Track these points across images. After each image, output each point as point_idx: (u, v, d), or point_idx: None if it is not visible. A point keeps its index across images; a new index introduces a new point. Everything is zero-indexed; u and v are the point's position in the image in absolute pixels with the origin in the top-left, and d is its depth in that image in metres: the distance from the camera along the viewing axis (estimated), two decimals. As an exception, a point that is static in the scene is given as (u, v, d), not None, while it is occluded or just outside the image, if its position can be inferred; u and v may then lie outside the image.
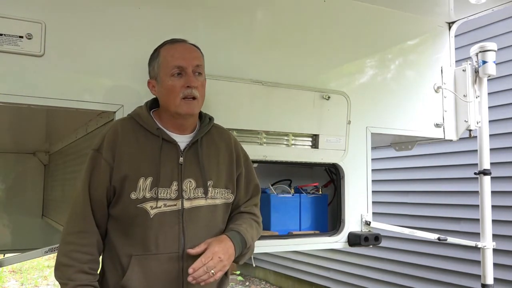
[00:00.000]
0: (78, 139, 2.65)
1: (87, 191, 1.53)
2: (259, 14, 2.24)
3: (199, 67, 1.63)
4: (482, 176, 2.69)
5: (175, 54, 1.62)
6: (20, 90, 1.69)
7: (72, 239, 1.51)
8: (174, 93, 1.58)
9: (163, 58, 1.63)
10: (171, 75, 1.60)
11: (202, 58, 1.69)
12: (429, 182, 4.95)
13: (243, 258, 1.66)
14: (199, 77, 1.63)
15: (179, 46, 1.65)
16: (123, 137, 1.57)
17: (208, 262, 1.47)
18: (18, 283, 7.46)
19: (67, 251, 1.49)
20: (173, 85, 1.59)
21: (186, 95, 1.58)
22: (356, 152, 2.40)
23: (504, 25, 4.40)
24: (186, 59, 1.61)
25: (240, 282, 7.41)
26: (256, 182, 1.78)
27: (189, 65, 1.60)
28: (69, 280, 1.46)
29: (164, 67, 1.62)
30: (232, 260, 1.57)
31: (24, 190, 4.07)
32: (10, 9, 1.69)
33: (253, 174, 1.79)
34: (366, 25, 2.50)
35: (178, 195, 1.55)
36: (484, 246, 2.65)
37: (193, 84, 1.58)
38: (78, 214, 1.53)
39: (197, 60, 1.64)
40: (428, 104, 2.66)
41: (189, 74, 1.59)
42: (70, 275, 1.46)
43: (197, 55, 1.66)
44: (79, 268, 1.47)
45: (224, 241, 1.56)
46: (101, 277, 1.59)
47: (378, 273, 5.44)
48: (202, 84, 1.64)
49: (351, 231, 2.37)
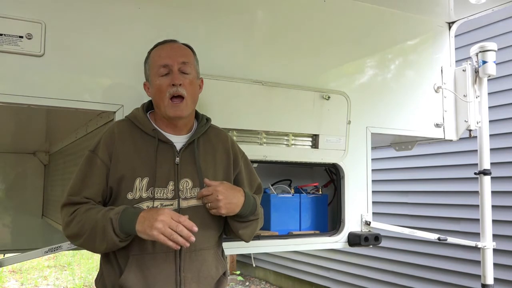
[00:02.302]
0: (78, 139, 2.65)
1: (79, 188, 1.53)
2: (259, 14, 2.24)
3: (186, 65, 1.62)
4: (482, 176, 2.69)
5: (161, 53, 1.63)
6: (20, 90, 1.69)
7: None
8: (162, 92, 1.58)
9: (152, 59, 1.65)
10: (158, 75, 1.60)
11: (193, 56, 1.68)
12: (429, 182, 4.95)
13: (244, 225, 1.64)
14: (186, 75, 1.61)
15: (167, 46, 1.66)
16: (119, 138, 1.58)
17: (205, 193, 1.53)
18: (18, 283, 7.47)
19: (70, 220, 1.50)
20: (160, 84, 1.59)
21: (172, 93, 1.57)
22: (356, 152, 2.40)
23: (504, 25, 4.39)
24: (171, 57, 1.60)
25: (240, 282, 7.41)
26: (259, 181, 1.79)
27: (175, 62, 1.60)
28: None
29: (152, 67, 1.63)
30: (230, 210, 1.55)
31: (24, 190, 4.06)
32: (10, 9, 1.69)
33: (255, 174, 1.79)
34: (366, 25, 2.50)
35: (174, 195, 1.56)
36: (484, 246, 2.65)
37: (177, 82, 1.57)
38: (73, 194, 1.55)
39: (184, 58, 1.62)
40: (428, 104, 2.66)
41: (175, 72, 1.59)
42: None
43: (184, 52, 1.65)
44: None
45: (236, 190, 1.59)
46: (99, 277, 1.61)
47: (378, 273, 5.44)
48: (190, 82, 1.61)
49: (351, 231, 2.37)
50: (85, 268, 8.57)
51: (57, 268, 8.75)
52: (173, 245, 1.39)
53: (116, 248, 1.50)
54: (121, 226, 1.42)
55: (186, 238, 1.40)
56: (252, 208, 1.61)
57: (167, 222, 1.39)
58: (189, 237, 1.40)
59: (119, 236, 1.43)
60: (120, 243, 1.46)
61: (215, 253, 1.63)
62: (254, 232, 1.70)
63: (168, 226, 1.39)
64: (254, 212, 1.63)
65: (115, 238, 1.43)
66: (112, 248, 1.49)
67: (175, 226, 1.39)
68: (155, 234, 1.38)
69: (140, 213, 1.43)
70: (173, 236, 1.39)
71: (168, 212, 1.42)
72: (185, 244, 1.40)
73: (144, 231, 1.40)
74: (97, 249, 1.50)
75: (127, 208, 1.47)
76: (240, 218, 1.61)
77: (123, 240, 1.46)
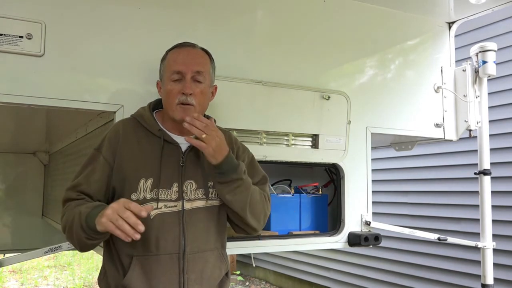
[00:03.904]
0: (78, 139, 2.65)
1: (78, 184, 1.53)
2: (259, 14, 2.24)
3: (200, 74, 1.60)
4: (482, 176, 2.69)
5: (177, 58, 1.61)
6: (20, 90, 1.69)
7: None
8: (171, 97, 1.58)
9: (167, 61, 1.63)
10: (171, 79, 1.59)
11: (209, 64, 1.66)
12: (429, 182, 4.95)
13: (228, 188, 1.56)
14: (199, 84, 1.59)
15: (184, 50, 1.63)
16: (124, 137, 1.57)
17: (210, 128, 1.50)
18: (18, 283, 7.47)
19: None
20: (171, 89, 1.58)
21: (181, 101, 1.56)
22: (356, 152, 2.40)
23: (504, 25, 4.40)
24: (186, 65, 1.58)
25: (240, 282, 7.41)
26: (263, 173, 1.75)
27: (189, 70, 1.58)
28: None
29: (167, 70, 1.62)
30: (216, 154, 1.51)
31: (24, 190, 4.07)
32: (10, 9, 1.69)
33: (258, 168, 1.75)
34: (366, 25, 2.50)
35: (178, 196, 1.55)
36: (484, 246, 2.65)
37: (187, 91, 1.55)
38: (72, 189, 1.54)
39: (199, 66, 1.60)
40: (428, 104, 2.66)
41: (187, 81, 1.57)
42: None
43: (200, 61, 1.63)
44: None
45: (225, 144, 1.55)
46: (102, 276, 1.60)
47: (378, 273, 5.44)
48: (201, 92, 1.59)
49: (351, 231, 2.37)
50: (85, 268, 8.57)
51: (57, 268, 8.75)
52: (121, 235, 1.31)
53: (86, 247, 1.48)
54: (87, 220, 1.39)
55: (133, 225, 1.31)
56: (232, 165, 1.55)
57: (116, 209, 1.33)
58: (136, 225, 1.31)
59: (85, 230, 1.39)
60: (86, 240, 1.42)
61: (219, 254, 1.63)
62: (246, 204, 1.58)
63: (116, 212, 1.32)
64: (236, 171, 1.56)
65: (81, 233, 1.40)
66: (82, 246, 1.47)
67: (122, 212, 1.32)
68: (103, 221, 1.33)
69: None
70: (118, 222, 1.30)
71: (123, 200, 1.37)
72: (133, 234, 1.31)
73: (98, 221, 1.35)
74: (75, 246, 1.49)
75: (102, 205, 1.44)
76: (221, 177, 1.55)
77: (89, 237, 1.41)
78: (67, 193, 1.55)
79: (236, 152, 1.70)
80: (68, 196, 1.54)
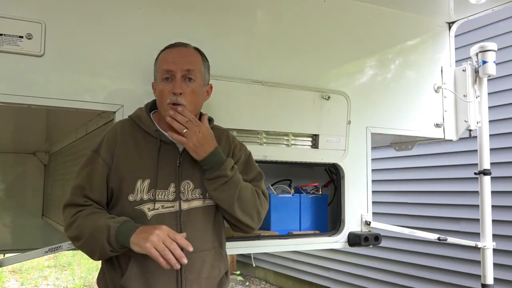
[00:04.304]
0: (78, 139, 2.65)
1: (83, 189, 1.53)
2: (259, 14, 2.24)
3: (191, 72, 1.57)
4: (482, 176, 2.69)
5: (167, 58, 1.60)
6: (20, 90, 1.69)
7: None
8: (162, 97, 1.57)
9: (159, 61, 1.63)
10: (161, 79, 1.58)
11: (201, 63, 1.64)
12: (429, 182, 4.95)
13: (214, 185, 1.55)
14: (190, 82, 1.57)
15: (174, 50, 1.62)
16: (121, 139, 1.57)
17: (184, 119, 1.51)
18: (18, 283, 7.46)
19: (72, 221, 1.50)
20: (162, 89, 1.57)
21: (172, 101, 1.54)
22: (356, 152, 2.40)
23: (504, 25, 4.40)
24: (176, 63, 1.57)
25: (240, 282, 7.41)
26: (258, 170, 1.73)
27: (178, 69, 1.56)
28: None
29: (158, 71, 1.62)
30: (197, 150, 1.52)
31: (24, 190, 4.07)
32: (10, 9, 1.69)
33: (254, 165, 1.73)
34: (366, 25, 2.50)
35: (175, 196, 1.55)
36: (484, 246, 2.65)
37: (177, 91, 1.54)
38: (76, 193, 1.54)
39: (189, 65, 1.58)
40: (428, 104, 2.66)
41: (177, 80, 1.56)
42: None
43: (190, 59, 1.61)
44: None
45: (212, 139, 1.56)
46: (101, 276, 1.61)
47: (378, 273, 5.44)
48: (192, 91, 1.57)
49: (351, 231, 2.37)
50: (85, 268, 8.57)
51: (57, 268, 8.75)
52: (163, 263, 1.36)
53: (106, 257, 1.49)
54: (117, 235, 1.41)
55: (178, 258, 1.37)
56: (217, 162, 1.54)
57: (162, 237, 1.37)
58: (181, 258, 1.37)
59: (112, 245, 1.42)
60: (110, 252, 1.45)
61: (217, 253, 1.63)
62: (233, 201, 1.56)
63: (162, 241, 1.36)
64: (220, 167, 1.54)
65: (107, 246, 1.42)
66: (102, 256, 1.49)
67: (169, 243, 1.37)
68: (148, 247, 1.36)
69: (140, 227, 1.43)
70: (165, 252, 1.35)
71: (166, 228, 1.41)
72: (175, 265, 1.37)
73: (138, 243, 1.38)
74: (91, 255, 1.50)
75: (129, 220, 1.46)
76: (207, 174, 1.55)
77: (114, 250, 1.44)
78: (71, 197, 1.54)
79: (232, 150, 1.69)
80: (73, 201, 1.53)
